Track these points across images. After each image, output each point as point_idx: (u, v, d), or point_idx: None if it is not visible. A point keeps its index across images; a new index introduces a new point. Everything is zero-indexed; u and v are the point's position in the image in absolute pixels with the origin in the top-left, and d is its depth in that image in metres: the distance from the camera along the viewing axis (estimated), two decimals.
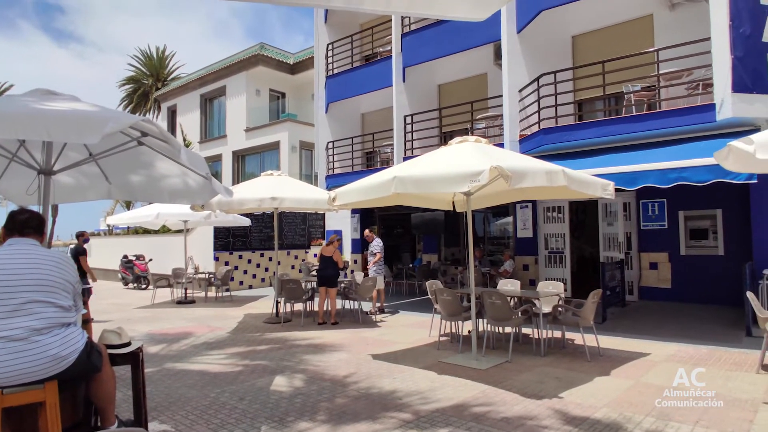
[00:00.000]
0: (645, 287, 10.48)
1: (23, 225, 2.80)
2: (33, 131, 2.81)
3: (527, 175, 5.02)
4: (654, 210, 10.30)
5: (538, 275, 11.37)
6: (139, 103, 35.83)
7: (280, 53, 23.21)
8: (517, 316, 6.33)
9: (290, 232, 16.62)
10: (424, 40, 12.95)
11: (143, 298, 13.49)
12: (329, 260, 8.81)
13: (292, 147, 21.14)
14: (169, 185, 5.12)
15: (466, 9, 1.59)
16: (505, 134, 10.69)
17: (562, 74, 9.62)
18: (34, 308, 2.53)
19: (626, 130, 8.50)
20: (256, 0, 1.39)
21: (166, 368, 6.00)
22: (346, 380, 5.38)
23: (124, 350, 3.27)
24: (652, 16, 10.05)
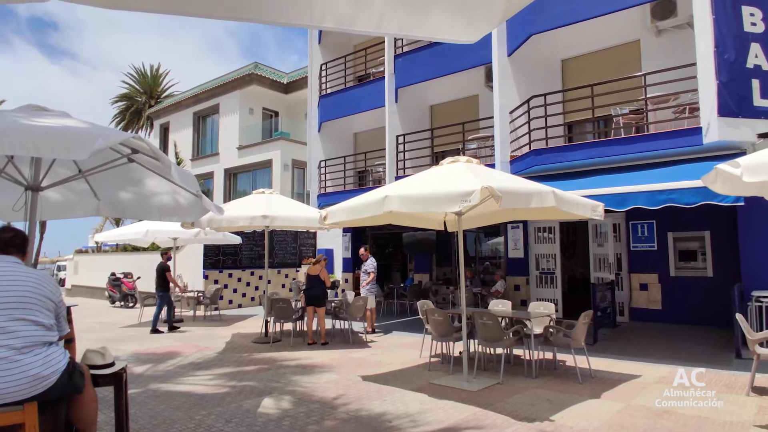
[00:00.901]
0: (635, 308, 10.50)
1: (6, 243, 2.76)
2: (21, 147, 2.78)
3: (517, 196, 5.05)
4: (643, 231, 10.38)
5: (530, 295, 11.35)
6: (132, 120, 35.77)
7: (274, 72, 23.40)
8: (508, 337, 6.30)
9: (281, 250, 16.52)
10: (417, 61, 13.12)
11: (130, 316, 13.27)
12: (316, 279, 8.74)
13: (285, 165, 21.17)
14: (159, 202, 5.09)
15: (456, 31, 1.61)
16: (496, 155, 10.78)
17: (552, 97, 9.76)
18: (14, 326, 2.47)
19: (615, 152, 8.61)
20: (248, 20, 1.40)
21: (151, 389, 5.87)
22: (335, 402, 5.29)
23: (108, 371, 3.19)
24: (639, 41, 10.28)
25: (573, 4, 9.21)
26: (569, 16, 9.35)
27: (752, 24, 7.54)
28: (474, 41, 1.68)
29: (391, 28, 1.60)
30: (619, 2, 8.86)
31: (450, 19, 1.61)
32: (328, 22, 1.55)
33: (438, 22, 1.61)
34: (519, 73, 10.88)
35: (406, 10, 1.57)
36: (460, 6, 1.59)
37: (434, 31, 1.64)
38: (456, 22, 1.62)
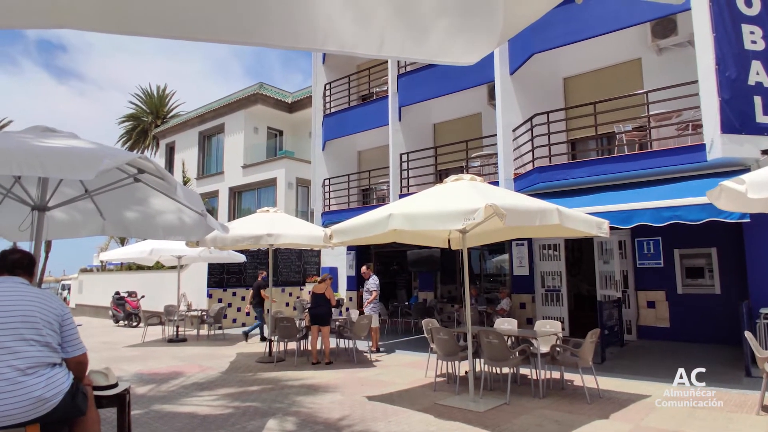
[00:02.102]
0: (643, 326, 10.38)
1: (14, 264, 2.77)
2: (28, 167, 2.81)
3: (522, 214, 5.04)
4: (649, 248, 10.31)
5: (535, 313, 11.25)
6: (138, 140, 36.15)
7: (279, 92, 23.66)
8: (514, 356, 6.22)
9: (285, 268, 16.50)
10: (420, 80, 13.26)
11: (134, 336, 13.22)
12: (321, 297, 8.70)
13: (289, 184, 21.26)
14: (165, 221, 5.11)
15: (457, 54, 1.64)
16: (500, 172, 10.80)
17: (554, 114, 9.82)
18: (18, 347, 2.47)
19: (619, 169, 8.61)
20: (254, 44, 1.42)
21: (154, 410, 5.82)
22: (339, 423, 5.22)
23: (111, 392, 3.17)
24: (641, 59, 10.36)
25: (574, 23, 9.31)
26: (570, 35, 9.45)
27: (752, 42, 7.60)
28: (473, 63, 1.70)
29: (392, 50, 1.62)
30: (620, 22, 8.96)
31: (449, 41, 1.64)
32: (330, 46, 1.57)
33: (438, 44, 1.64)
34: (521, 91, 10.97)
35: (407, 33, 1.59)
36: (460, 28, 1.62)
37: (434, 53, 1.66)
38: (455, 44, 1.65)
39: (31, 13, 1.21)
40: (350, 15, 1.50)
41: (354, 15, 1.51)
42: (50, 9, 1.21)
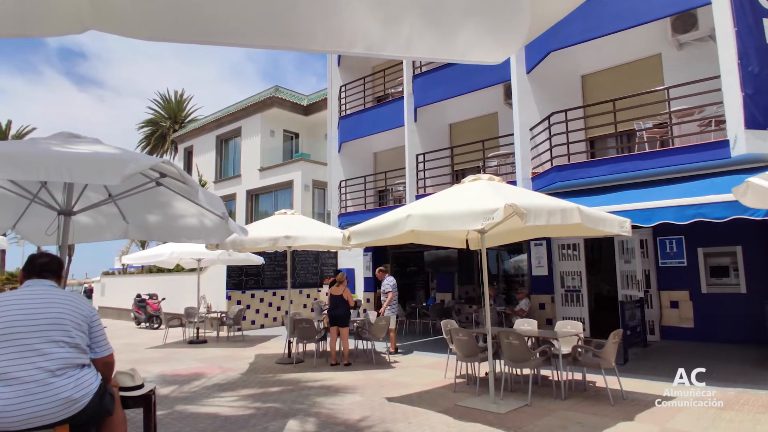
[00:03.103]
0: (666, 326, 10.19)
1: (42, 268, 2.82)
2: (56, 173, 2.87)
3: (542, 213, 4.99)
4: (672, 247, 10.12)
5: (555, 314, 11.13)
6: (157, 145, 36.74)
7: (295, 95, 23.82)
8: (535, 358, 6.16)
9: (303, 270, 16.59)
10: (435, 81, 13.22)
11: (155, 337, 13.41)
12: (339, 299, 8.72)
13: (305, 186, 21.38)
14: (186, 225, 5.18)
15: (483, 53, 1.63)
16: (517, 172, 10.72)
17: (572, 112, 9.70)
18: (48, 348, 2.52)
19: (640, 166, 8.48)
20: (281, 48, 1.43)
21: (177, 411, 5.89)
22: (360, 424, 5.23)
23: (137, 393, 3.22)
24: (661, 55, 10.19)
25: (591, 20, 9.20)
26: (588, 32, 9.34)
27: None
28: (500, 62, 1.69)
29: (420, 51, 1.62)
30: (639, 17, 8.83)
31: (477, 41, 1.63)
32: (357, 48, 1.58)
33: (465, 44, 1.63)
34: (538, 89, 10.87)
35: (434, 34, 1.59)
36: (487, 28, 1.61)
37: (461, 53, 1.66)
38: (483, 43, 1.64)
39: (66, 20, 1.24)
40: (378, 16, 1.50)
41: (381, 16, 1.51)
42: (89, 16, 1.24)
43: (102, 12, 1.26)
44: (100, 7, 1.25)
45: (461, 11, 1.54)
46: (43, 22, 1.25)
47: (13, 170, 2.89)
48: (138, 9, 1.30)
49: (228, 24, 1.40)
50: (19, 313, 2.54)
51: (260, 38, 1.43)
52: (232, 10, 1.36)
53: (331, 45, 1.54)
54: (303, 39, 1.48)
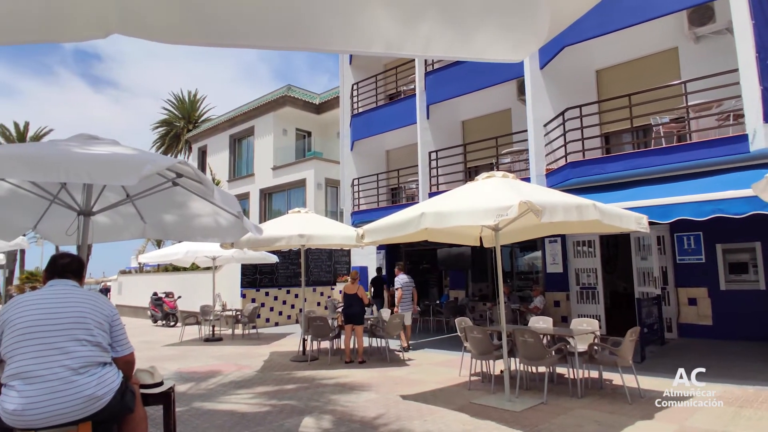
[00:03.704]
0: (684, 324, 10.06)
1: (64, 268, 2.88)
2: (75, 174, 2.91)
3: (558, 210, 4.95)
4: (690, 243, 9.98)
5: (570, 312, 11.05)
6: (171, 145, 37.11)
7: (307, 94, 23.90)
8: (551, 355, 6.12)
9: (316, 268, 16.66)
10: (448, 78, 13.17)
11: (172, 335, 13.58)
12: (354, 297, 8.76)
13: (318, 184, 21.46)
14: (201, 224, 5.23)
15: (503, 51, 1.62)
16: (531, 169, 10.64)
17: (587, 108, 9.60)
18: (71, 347, 2.56)
19: (657, 162, 8.37)
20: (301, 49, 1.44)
21: (194, 407, 5.97)
22: (375, 422, 5.25)
23: (157, 390, 3.27)
24: (677, 48, 10.04)
25: (607, 14, 9.08)
26: (603, 26, 9.23)
27: None
28: (520, 60, 1.68)
29: (438, 50, 1.61)
30: (655, 10, 8.70)
31: (496, 39, 1.62)
32: (376, 48, 1.58)
33: (484, 43, 1.62)
34: (552, 85, 10.78)
35: (453, 33, 1.58)
36: (507, 27, 1.59)
37: (480, 51, 1.65)
38: (501, 42, 1.63)
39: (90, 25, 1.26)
40: (396, 16, 1.50)
41: (400, 16, 1.51)
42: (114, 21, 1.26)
43: (126, 17, 1.28)
44: (124, 12, 1.27)
45: (480, 10, 1.53)
46: (68, 28, 1.27)
47: (34, 172, 2.94)
48: (161, 13, 1.32)
49: (248, 27, 1.41)
50: (42, 312, 2.60)
51: (280, 40, 1.44)
52: (253, 13, 1.37)
53: (350, 45, 1.54)
54: (322, 40, 1.49)
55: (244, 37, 1.42)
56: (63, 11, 1.23)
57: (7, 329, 2.56)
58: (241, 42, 1.43)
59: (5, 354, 2.54)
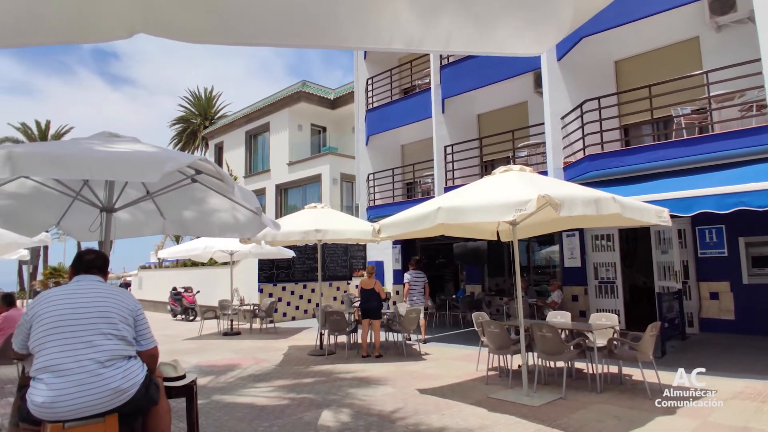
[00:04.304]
0: (706, 319, 9.89)
1: (89, 264, 2.94)
2: (99, 172, 2.97)
3: (576, 203, 4.90)
4: (712, 237, 9.79)
5: (589, 306, 10.94)
6: (188, 142, 37.54)
7: (321, 89, 23.95)
8: (569, 350, 6.08)
9: (332, 263, 16.74)
10: (463, 71, 13.07)
11: (191, 329, 13.79)
12: (371, 292, 8.79)
13: (333, 179, 21.53)
14: (220, 220, 5.29)
15: (524, 45, 1.60)
16: (549, 162, 10.53)
17: (606, 100, 9.46)
18: (97, 341, 2.62)
19: (678, 154, 8.22)
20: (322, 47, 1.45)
21: (215, 400, 6.06)
22: (393, 416, 5.27)
23: (179, 383, 3.32)
24: (698, 38, 9.82)
25: (626, 3, 8.92)
26: (622, 16, 9.06)
27: None
28: (540, 53, 1.67)
29: (459, 45, 1.60)
30: (673, 0, 8.51)
31: (517, 33, 1.60)
32: (397, 44, 1.57)
33: (505, 37, 1.61)
34: (570, 77, 10.64)
35: (474, 28, 1.57)
36: (528, 20, 1.58)
37: (501, 45, 1.63)
38: (524, 35, 1.61)
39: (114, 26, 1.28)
40: (417, 12, 1.50)
41: (420, 12, 1.51)
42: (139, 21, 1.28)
43: (150, 17, 1.30)
44: (148, 12, 1.29)
45: (501, 3, 1.52)
46: (93, 29, 1.29)
47: (59, 169, 2.99)
48: (185, 14, 1.33)
49: (270, 26, 1.42)
50: (69, 307, 2.66)
51: (303, 39, 1.45)
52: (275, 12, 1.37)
53: (371, 43, 1.55)
54: (344, 38, 1.49)
55: (266, 35, 1.43)
56: (88, 12, 1.26)
57: (36, 323, 2.63)
58: (263, 41, 1.44)
59: (34, 347, 2.61)
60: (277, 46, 1.46)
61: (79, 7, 1.24)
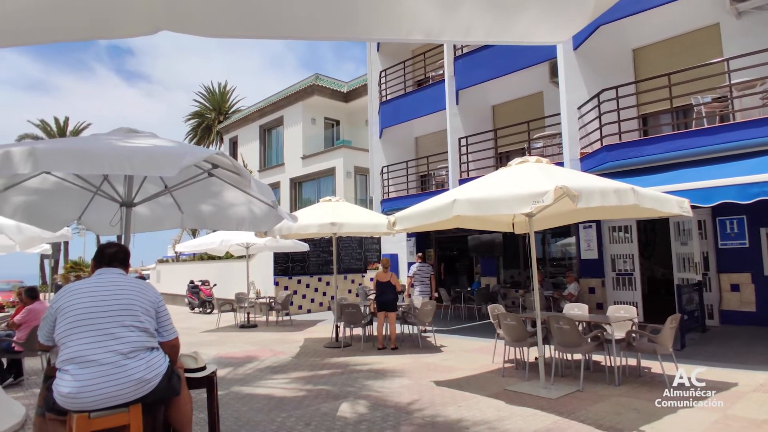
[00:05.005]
0: (726, 311, 9.73)
1: (111, 258, 2.99)
2: (119, 166, 3.01)
3: (595, 194, 4.84)
4: (733, 227, 9.61)
5: (606, 298, 10.84)
6: (203, 137, 37.85)
7: (334, 82, 23.94)
8: (587, 342, 6.03)
9: (347, 256, 16.80)
10: (477, 62, 12.96)
11: (209, 322, 13.98)
12: (387, 285, 8.81)
13: (347, 173, 21.55)
14: (236, 213, 5.34)
15: (546, 33, 1.57)
16: (565, 153, 10.41)
17: (624, 89, 9.30)
18: (120, 332, 2.67)
19: (698, 143, 8.06)
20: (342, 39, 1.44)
21: (233, 392, 6.14)
22: (410, 407, 5.29)
23: (200, 374, 3.37)
24: (719, 25, 9.59)
25: None
26: (640, 3, 8.90)
27: None
28: (563, 41, 1.64)
29: (479, 35, 1.58)
30: None
31: (539, 21, 1.57)
32: (416, 35, 1.56)
33: (527, 25, 1.58)
34: (586, 66, 10.48)
35: (495, 17, 1.55)
36: (551, 8, 1.55)
37: (522, 35, 1.61)
38: (546, 23, 1.58)
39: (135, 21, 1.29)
40: (436, 2, 1.48)
41: (439, 2, 1.49)
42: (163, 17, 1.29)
43: (175, 13, 1.30)
44: (173, 9, 1.29)
45: None
46: (118, 25, 1.31)
47: (79, 165, 3.04)
48: (208, 9, 1.34)
49: (292, 19, 1.41)
50: (93, 299, 2.71)
51: (323, 31, 1.44)
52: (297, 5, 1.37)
53: (390, 34, 1.53)
54: (363, 29, 1.48)
55: (289, 29, 1.42)
56: (113, 9, 1.27)
57: (61, 316, 2.69)
58: (286, 34, 1.44)
59: (59, 339, 2.67)
60: (299, 39, 1.46)
61: (104, 4, 1.25)
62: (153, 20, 1.29)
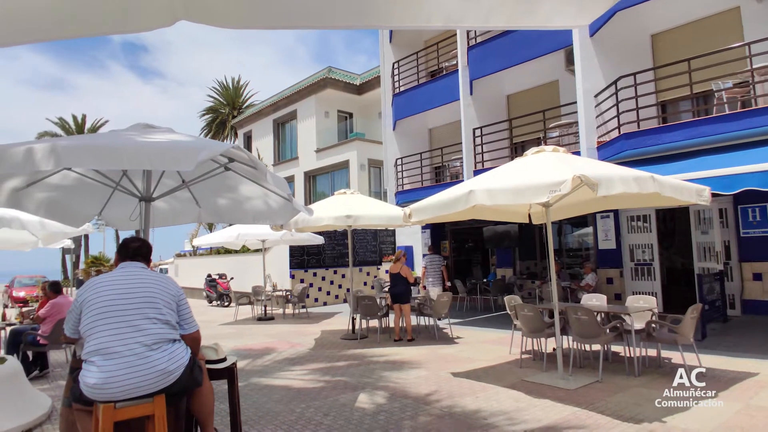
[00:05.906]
0: (748, 300, 9.56)
1: (135, 252, 3.05)
2: (138, 162, 3.04)
3: (614, 183, 4.76)
4: (755, 215, 9.40)
5: (624, 289, 10.72)
6: (218, 132, 38.11)
7: (347, 75, 23.88)
8: (606, 333, 5.98)
9: (362, 249, 16.85)
10: (491, 51, 12.81)
11: (226, 315, 14.15)
12: (398, 276, 8.84)
13: (361, 165, 21.55)
14: (253, 207, 5.37)
15: (569, 17, 1.54)
16: (581, 141, 10.27)
17: (642, 75, 9.13)
18: (144, 325, 2.72)
19: (719, 130, 7.89)
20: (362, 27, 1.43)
21: (252, 383, 6.22)
22: (428, 398, 5.31)
23: (221, 365, 3.42)
24: (739, 8, 9.34)
25: None
26: None
27: None
28: (586, 24, 1.61)
29: (499, 21, 1.56)
30: None
31: (562, 4, 1.54)
32: (435, 21, 1.54)
33: (548, 9, 1.55)
34: (603, 53, 10.29)
35: (516, 2, 1.52)
36: None
37: (544, 19, 1.58)
38: (568, 7, 1.55)
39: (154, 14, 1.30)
40: None
41: None
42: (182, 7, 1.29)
43: (193, 3, 1.31)
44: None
45: None
46: (138, 18, 1.32)
47: (99, 161, 3.08)
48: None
49: (310, 8, 1.41)
50: (117, 292, 2.76)
51: (343, 20, 1.44)
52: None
53: (410, 20, 1.52)
54: (382, 16, 1.47)
55: (309, 18, 1.42)
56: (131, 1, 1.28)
57: (86, 309, 2.74)
58: (303, 23, 1.43)
59: (84, 332, 2.73)
60: (317, 28, 1.45)
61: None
62: (171, 11, 1.30)
